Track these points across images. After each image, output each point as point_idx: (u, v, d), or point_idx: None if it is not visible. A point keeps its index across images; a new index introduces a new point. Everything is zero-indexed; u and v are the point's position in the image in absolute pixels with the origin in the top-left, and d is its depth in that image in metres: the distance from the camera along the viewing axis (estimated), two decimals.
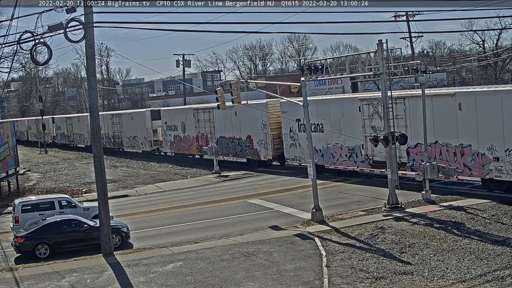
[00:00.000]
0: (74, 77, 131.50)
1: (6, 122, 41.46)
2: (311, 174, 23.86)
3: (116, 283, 17.54)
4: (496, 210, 21.97)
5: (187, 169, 43.83)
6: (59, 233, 21.74)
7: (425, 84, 26.53)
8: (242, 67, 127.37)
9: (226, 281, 16.86)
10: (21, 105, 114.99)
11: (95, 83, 21.25)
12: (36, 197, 27.99)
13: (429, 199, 24.65)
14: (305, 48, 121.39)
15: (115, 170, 46.91)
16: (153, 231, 24.81)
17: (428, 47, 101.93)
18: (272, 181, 35.03)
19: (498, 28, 67.01)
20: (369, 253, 18.37)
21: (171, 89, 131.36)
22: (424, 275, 16.01)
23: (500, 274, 15.53)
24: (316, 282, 16.17)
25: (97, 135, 21.11)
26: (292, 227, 22.88)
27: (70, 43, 21.03)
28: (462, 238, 18.94)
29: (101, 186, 20.95)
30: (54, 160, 59.03)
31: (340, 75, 28.99)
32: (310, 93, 47.57)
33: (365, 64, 26.87)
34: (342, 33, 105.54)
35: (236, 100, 27.22)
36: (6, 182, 37.60)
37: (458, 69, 69.57)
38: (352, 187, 30.26)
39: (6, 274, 19.07)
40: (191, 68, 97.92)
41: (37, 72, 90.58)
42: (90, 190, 36.00)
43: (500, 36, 73.18)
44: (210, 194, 32.76)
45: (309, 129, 25.16)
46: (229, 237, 22.01)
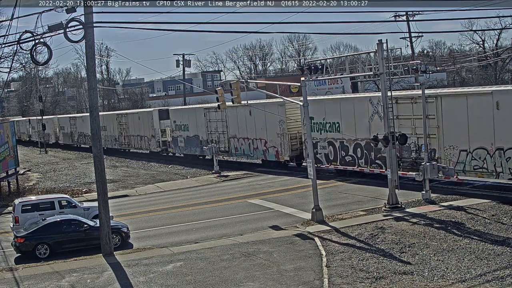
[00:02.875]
0: (74, 77, 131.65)
1: (6, 122, 41.43)
2: (311, 174, 23.86)
3: (116, 283, 17.54)
4: (496, 210, 21.98)
5: (187, 169, 43.83)
6: (59, 233, 21.74)
7: (425, 84, 26.53)
8: (242, 67, 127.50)
9: (226, 281, 16.86)
10: (21, 105, 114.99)
11: (95, 83, 21.26)
12: (36, 197, 27.99)
13: (429, 199, 24.65)
14: (305, 48, 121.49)
15: (115, 170, 46.91)
16: (153, 231, 24.81)
17: (428, 47, 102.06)
18: (272, 181, 35.03)
19: (498, 28, 67.08)
20: (369, 253, 18.37)
21: (171, 89, 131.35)
22: (424, 275, 16.01)
23: (500, 274, 15.53)
24: (316, 282, 16.18)
25: (97, 135, 21.10)
26: (292, 227, 22.88)
27: (70, 43, 21.04)
28: (462, 238, 18.94)
29: (101, 186, 20.95)
30: (54, 160, 59.03)
31: (340, 75, 28.99)
32: (310, 93, 47.59)
33: (365, 64, 26.87)
34: (342, 33, 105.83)
35: (236, 100, 27.22)
36: (6, 182, 37.61)
37: (458, 69, 69.55)
38: (352, 187, 30.27)
39: (6, 274, 19.07)
40: (191, 68, 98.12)
41: (37, 72, 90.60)
42: (90, 190, 36.00)
43: (500, 36, 73.30)
44: (210, 194, 32.77)
45: (309, 129, 25.18)
46: (229, 237, 22.01)
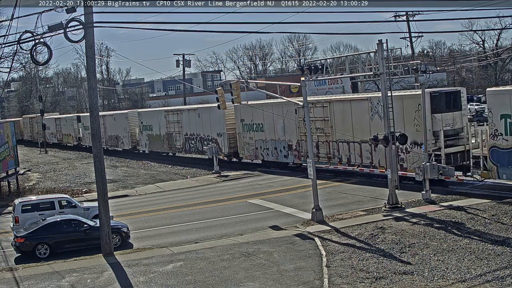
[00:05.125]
0: (74, 77, 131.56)
1: (6, 122, 41.42)
2: (311, 174, 23.86)
3: (116, 283, 17.54)
4: (496, 210, 21.97)
5: (187, 169, 43.83)
6: (59, 233, 21.73)
7: (425, 84, 26.53)
8: (242, 67, 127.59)
9: (226, 281, 16.86)
10: (21, 105, 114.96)
11: (95, 83, 21.25)
12: (36, 197, 27.98)
13: (429, 199, 24.65)
14: (305, 48, 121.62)
15: (115, 170, 46.91)
16: (153, 231, 24.81)
17: (428, 47, 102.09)
18: (272, 181, 35.03)
19: (498, 28, 67.21)
20: (369, 253, 18.38)
21: (171, 89, 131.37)
22: (424, 275, 16.01)
23: (500, 274, 15.53)
24: (316, 282, 16.18)
25: (97, 135, 21.11)
26: (292, 227, 22.88)
27: (70, 43, 21.11)
28: (462, 238, 18.94)
29: (101, 186, 20.95)
30: (54, 160, 59.02)
31: (340, 75, 29.01)
32: (310, 93, 47.60)
33: (365, 64, 26.88)
34: (342, 33, 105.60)
35: (236, 100, 27.23)
36: (6, 182, 37.61)
37: (458, 69, 69.65)
38: (352, 187, 30.27)
39: (6, 274, 19.07)
40: (191, 68, 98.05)
41: (37, 72, 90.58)
42: (90, 190, 35.99)
43: (500, 36, 73.44)
44: (210, 194, 32.76)
45: (309, 129, 25.17)
46: (229, 237, 22.01)
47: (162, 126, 51.26)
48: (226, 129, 42.58)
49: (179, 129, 48.81)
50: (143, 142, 55.02)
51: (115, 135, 60.62)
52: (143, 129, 54.55)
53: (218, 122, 43.60)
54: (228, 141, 42.58)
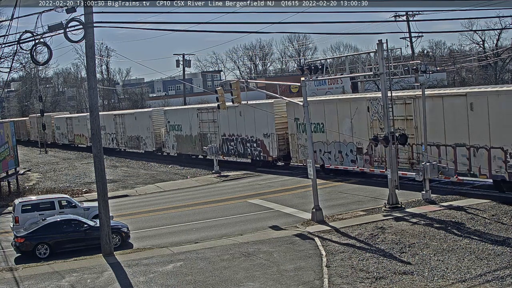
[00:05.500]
0: (74, 77, 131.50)
1: (6, 122, 41.43)
2: (311, 174, 23.86)
3: (116, 283, 17.54)
4: (496, 210, 21.97)
5: (187, 169, 43.84)
6: (59, 233, 21.74)
7: (425, 84, 26.52)
8: (242, 67, 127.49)
9: (226, 281, 16.86)
10: (21, 105, 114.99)
11: (95, 83, 21.25)
12: (36, 197, 27.99)
13: (429, 199, 24.65)
14: (305, 48, 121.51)
15: (115, 170, 46.92)
16: (153, 231, 24.82)
17: (428, 47, 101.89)
18: (272, 181, 35.04)
19: (498, 28, 67.13)
20: (369, 253, 18.38)
21: (171, 89, 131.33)
22: (424, 275, 16.01)
23: (500, 274, 15.53)
24: (316, 282, 16.18)
25: (97, 135, 21.11)
26: (292, 227, 22.88)
27: (70, 43, 21.13)
28: (462, 238, 18.94)
29: (101, 186, 20.95)
30: (54, 160, 59.04)
31: (340, 75, 28.99)
32: (310, 93, 47.63)
33: (365, 64, 26.88)
34: (342, 33, 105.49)
35: (236, 100, 27.23)
36: (6, 182, 37.62)
37: (458, 69, 69.62)
38: (352, 187, 30.27)
39: (6, 274, 19.07)
40: (191, 68, 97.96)
41: (37, 72, 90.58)
42: (90, 190, 36.01)
43: (500, 36, 73.34)
44: (210, 194, 32.77)
45: (309, 129, 25.17)
46: (229, 237, 22.01)
47: (194, 125, 46.55)
48: (276, 129, 38.28)
49: (215, 129, 44.07)
50: (170, 143, 50.63)
51: (136, 135, 55.64)
52: (170, 129, 50.06)
53: (265, 121, 38.63)
54: (278, 143, 38.35)
